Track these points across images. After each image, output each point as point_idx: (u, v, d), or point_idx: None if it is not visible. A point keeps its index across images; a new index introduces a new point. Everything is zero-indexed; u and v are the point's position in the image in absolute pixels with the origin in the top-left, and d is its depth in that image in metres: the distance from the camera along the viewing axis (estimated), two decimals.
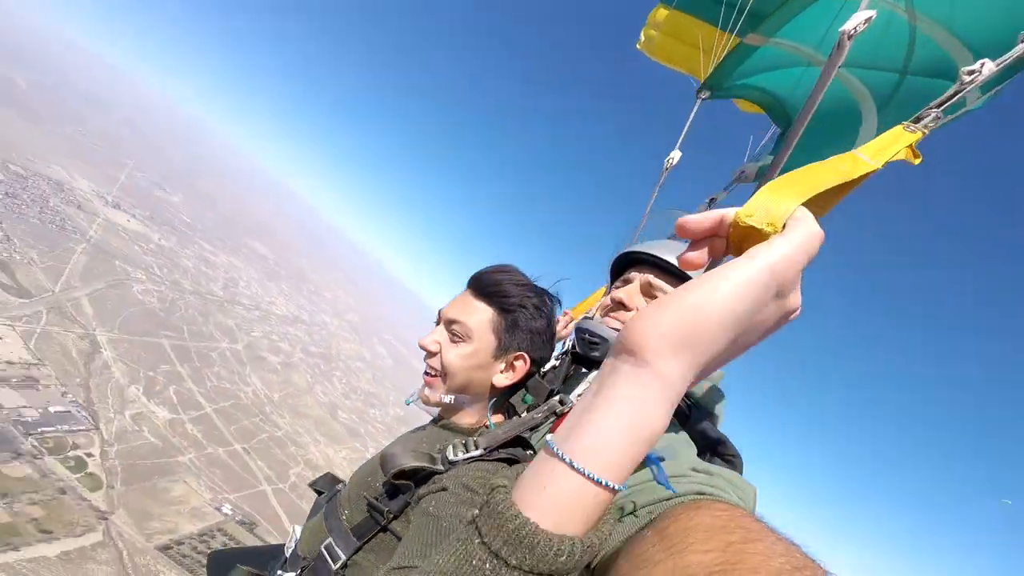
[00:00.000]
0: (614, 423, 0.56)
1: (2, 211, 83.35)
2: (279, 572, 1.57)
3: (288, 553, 1.61)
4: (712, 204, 2.74)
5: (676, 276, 1.62)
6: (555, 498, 0.56)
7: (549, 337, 1.59)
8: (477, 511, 0.61)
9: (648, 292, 1.65)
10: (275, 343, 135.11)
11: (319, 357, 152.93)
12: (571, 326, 2.55)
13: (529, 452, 1.34)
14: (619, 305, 1.66)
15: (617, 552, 0.66)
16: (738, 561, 0.48)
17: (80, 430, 57.92)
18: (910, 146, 1.24)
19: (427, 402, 1.57)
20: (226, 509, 62.51)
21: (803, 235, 0.58)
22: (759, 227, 0.61)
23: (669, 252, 1.64)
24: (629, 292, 1.66)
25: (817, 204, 0.73)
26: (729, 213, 0.64)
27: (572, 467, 0.55)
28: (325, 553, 1.40)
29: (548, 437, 0.60)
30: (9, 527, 39.98)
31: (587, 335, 1.67)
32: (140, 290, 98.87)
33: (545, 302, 1.58)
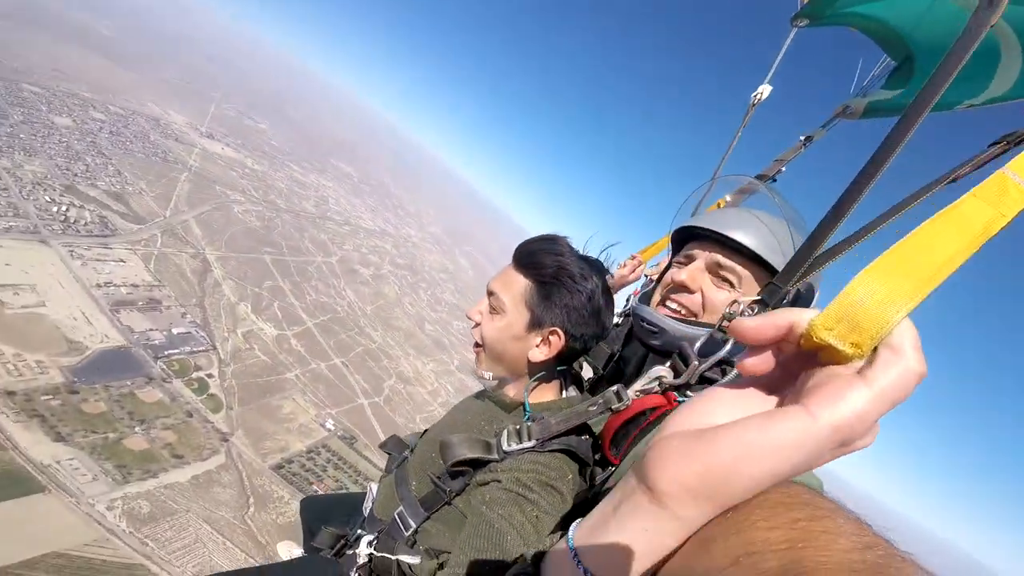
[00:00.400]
0: (628, 548, 0.55)
1: (111, 148, 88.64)
2: (359, 531, 1.75)
3: (366, 512, 1.78)
4: (808, 143, 2.46)
5: (746, 256, 1.49)
6: None
7: (591, 313, 1.51)
8: None
9: (716, 272, 1.53)
10: (365, 256, 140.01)
11: (406, 269, 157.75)
12: (639, 270, 2.58)
13: (585, 437, 1.37)
14: (682, 287, 1.56)
15: None
16: (805, 539, 0.45)
17: (200, 351, 63.14)
18: None
19: (475, 375, 1.64)
20: (329, 425, 67.41)
21: (894, 379, 0.45)
22: (840, 348, 0.47)
23: (736, 227, 1.49)
24: (693, 274, 1.54)
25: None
26: (802, 320, 0.51)
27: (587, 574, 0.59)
28: (398, 520, 1.54)
29: (571, 534, 0.63)
30: (148, 454, 44.98)
31: (644, 323, 1.58)
32: (240, 211, 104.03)
33: (587, 275, 1.50)
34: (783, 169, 2.53)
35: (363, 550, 1.60)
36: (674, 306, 1.55)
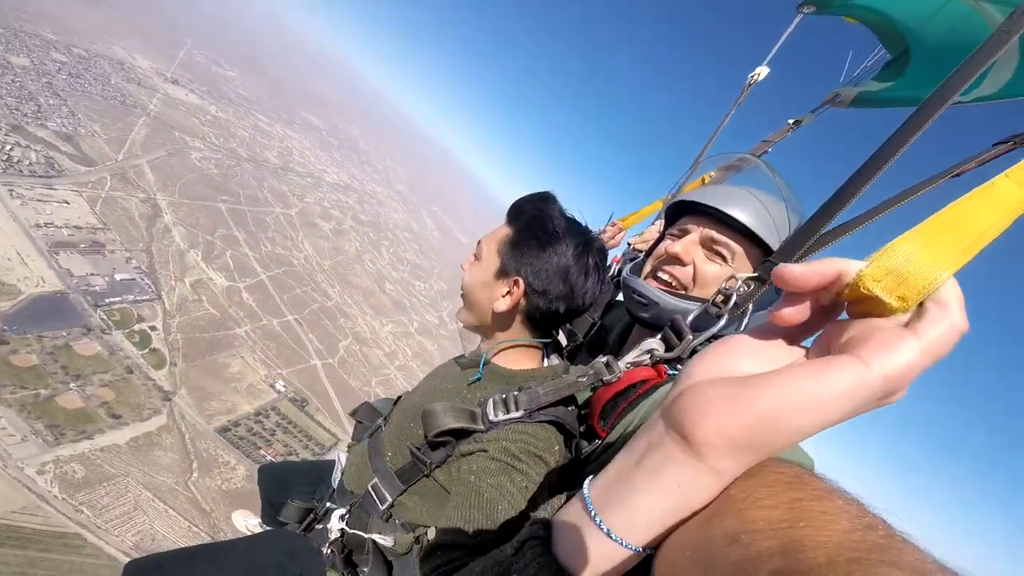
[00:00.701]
0: (658, 504, 0.53)
1: (67, 89, 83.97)
2: (328, 505, 1.71)
3: (335, 484, 1.73)
4: (797, 126, 2.58)
5: (741, 233, 1.47)
6: (593, 563, 0.56)
7: (557, 270, 1.44)
8: (512, 553, 0.62)
9: (709, 246, 1.52)
10: (327, 210, 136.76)
11: (368, 226, 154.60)
12: (619, 237, 2.65)
13: (571, 408, 1.35)
14: (675, 259, 1.54)
15: None
16: (805, 518, 0.45)
17: (144, 300, 60.52)
18: None
19: (461, 325, 1.63)
20: (279, 386, 66.27)
21: (942, 334, 0.45)
22: (886, 300, 0.48)
23: (734, 204, 1.48)
24: (687, 246, 1.52)
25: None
26: (850, 269, 0.51)
27: (610, 536, 0.55)
28: (372, 493, 1.48)
29: (586, 492, 0.60)
30: (82, 413, 42.93)
31: (635, 295, 1.56)
32: (198, 157, 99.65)
33: (563, 233, 1.45)
34: (769, 150, 2.57)
35: (335, 524, 1.57)
36: (666, 277, 1.54)
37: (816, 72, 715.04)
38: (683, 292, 1.49)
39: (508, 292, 1.46)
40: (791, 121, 2.64)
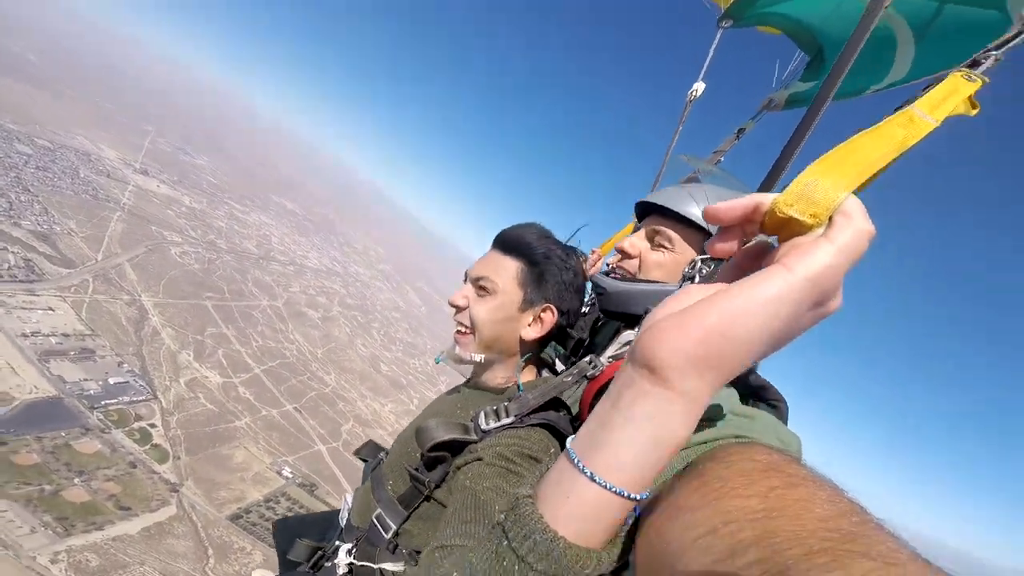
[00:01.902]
0: (635, 438, 0.54)
1: (37, 185, 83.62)
2: (336, 543, 1.66)
3: (343, 523, 1.71)
4: (740, 135, 2.72)
5: (680, 222, 1.59)
6: (579, 509, 0.56)
7: (577, 288, 1.60)
8: (503, 516, 0.63)
9: (652, 239, 1.63)
10: (313, 297, 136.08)
11: (356, 309, 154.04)
12: (598, 265, 2.71)
13: (563, 412, 1.39)
14: (622, 253, 1.66)
15: (655, 499, 0.63)
16: (780, 507, 0.46)
17: (140, 400, 58.72)
18: (968, 97, 1.10)
19: (458, 360, 1.60)
20: (286, 472, 63.61)
21: (851, 237, 0.51)
22: (801, 219, 0.54)
23: (676, 199, 1.61)
24: (632, 241, 1.65)
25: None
26: (766, 200, 0.57)
27: (594, 480, 0.55)
28: (376, 523, 1.46)
29: (569, 445, 0.60)
30: (90, 506, 40.74)
31: (595, 287, 1.68)
32: (178, 252, 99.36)
33: (571, 254, 1.60)
34: (721, 160, 2.74)
35: (342, 559, 1.53)
36: (618, 271, 1.65)
37: (755, 80, 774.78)
38: (631, 278, 1.62)
39: (536, 319, 1.54)
40: (736, 131, 2.84)
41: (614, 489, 0.54)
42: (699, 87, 2.82)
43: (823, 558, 0.38)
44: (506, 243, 1.56)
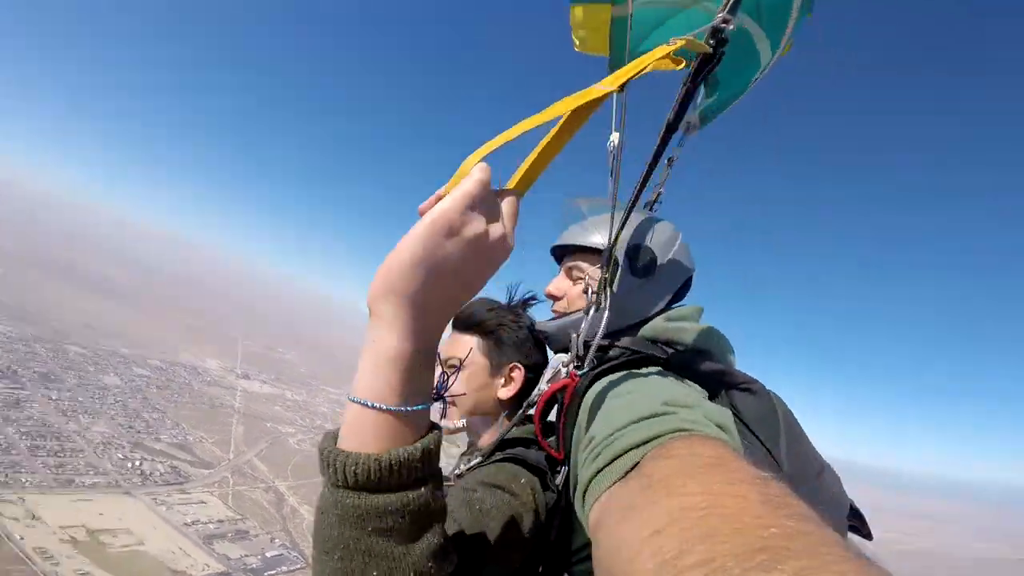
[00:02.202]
0: (367, 360, 0.70)
1: (163, 403, 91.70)
2: None
3: None
4: (671, 164, 2.32)
5: (588, 252, 1.65)
6: (348, 427, 0.71)
7: (536, 342, 1.70)
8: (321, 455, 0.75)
9: (569, 274, 1.69)
10: None
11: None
12: None
13: (534, 448, 1.39)
14: (550, 297, 1.71)
15: (609, 502, 0.67)
16: (720, 505, 0.47)
17: (297, 568, 58.45)
18: (668, 55, 0.99)
19: (447, 431, 1.59)
20: None
21: (460, 190, 0.68)
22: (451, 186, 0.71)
23: (576, 235, 1.68)
24: (555, 283, 1.72)
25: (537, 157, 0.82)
26: (443, 191, 0.73)
27: (351, 399, 0.71)
28: None
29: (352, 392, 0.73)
30: None
31: (540, 334, 1.71)
32: (295, 441, 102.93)
33: (520, 314, 1.73)
34: (663, 191, 2.62)
35: None
36: (553, 313, 1.74)
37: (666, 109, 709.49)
38: (561, 314, 1.68)
39: (507, 379, 1.65)
40: (666, 160, 2.72)
41: (360, 400, 0.70)
42: (615, 138, 2.28)
43: (762, 556, 0.39)
44: (459, 322, 1.69)
